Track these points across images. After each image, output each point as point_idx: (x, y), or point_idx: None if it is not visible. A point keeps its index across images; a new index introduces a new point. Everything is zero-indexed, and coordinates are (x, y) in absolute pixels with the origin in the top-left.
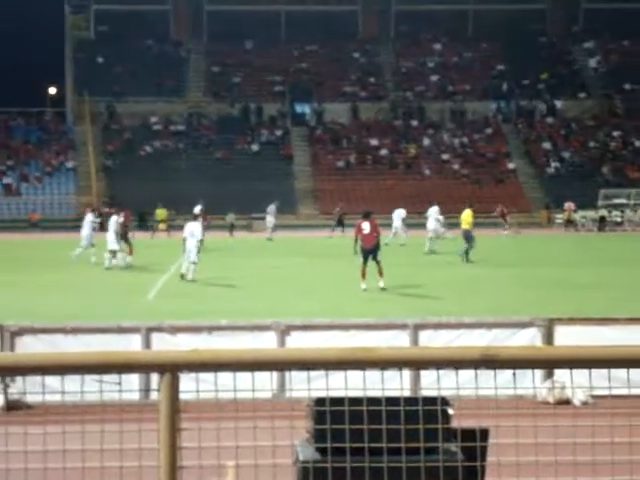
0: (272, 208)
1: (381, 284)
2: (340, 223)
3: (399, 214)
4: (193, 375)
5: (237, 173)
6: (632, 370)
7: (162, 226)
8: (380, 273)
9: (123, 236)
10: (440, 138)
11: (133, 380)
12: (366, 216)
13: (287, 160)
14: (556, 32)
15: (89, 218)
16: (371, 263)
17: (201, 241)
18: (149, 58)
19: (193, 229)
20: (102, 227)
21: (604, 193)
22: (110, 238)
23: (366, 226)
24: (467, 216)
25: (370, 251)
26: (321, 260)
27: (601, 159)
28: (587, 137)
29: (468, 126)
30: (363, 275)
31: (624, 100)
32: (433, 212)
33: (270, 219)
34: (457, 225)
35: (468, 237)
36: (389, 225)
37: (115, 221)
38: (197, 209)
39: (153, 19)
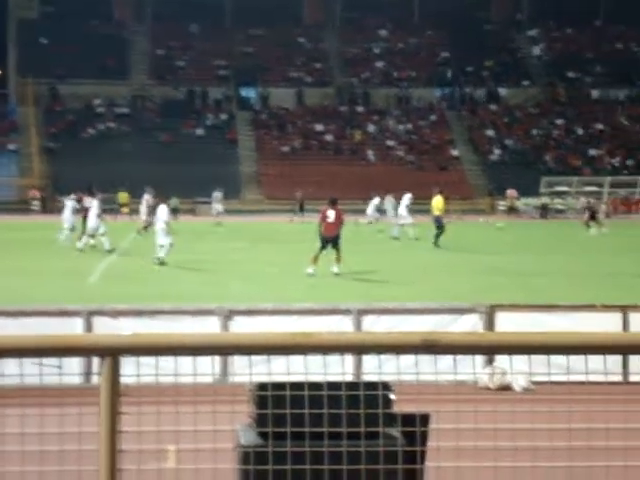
0: (217, 195)
1: (335, 269)
2: (301, 208)
3: (403, 200)
4: (134, 359)
5: (181, 157)
6: (571, 357)
7: (125, 209)
8: (338, 259)
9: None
10: (385, 124)
11: (74, 364)
12: (332, 203)
13: (232, 144)
14: (501, 20)
15: (70, 202)
16: (330, 251)
17: (167, 223)
18: (93, 40)
19: (161, 213)
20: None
21: (547, 181)
22: (92, 222)
23: (331, 214)
24: (438, 202)
25: (330, 239)
26: (268, 245)
27: (544, 147)
28: (530, 125)
29: (413, 113)
30: (315, 260)
31: (567, 88)
32: (406, 199)
33: (216, 206)
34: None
35: (439, 223)
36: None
37: (97, 205)
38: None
39: (97, 0)
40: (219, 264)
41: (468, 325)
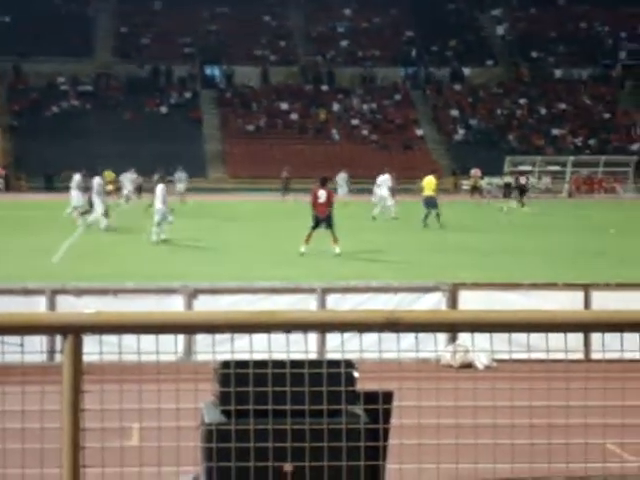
0: (181, 175)
1: (337, 250)
2: (286, 188)
3: (384, 180)
4: (97, 337)
5: (146, 135)
6: (532, 335)
7: (111, 187)
8: (335, 240)
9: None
10: (350, 103)
11: (37, 342)
12: (322, 183)
13: (196, 123)
14: None
15: (77, 179)
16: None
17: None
18: (56, 17)
19: (160, 193)
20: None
21: (510, 160)
22: (96, 200)
23: (322, 194)
24: (430, 183)
25: (323, 219)
26: (232, 224)
27: (507, 126)
28: (494, 104)
29: (377, 92)
30: (307, 239)
31: (531, 68)
32: (385, 180)
33: (180, 185)
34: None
35: (431, 203)
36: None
37: (98, 182)
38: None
39: None
40: (183, 243)
41: (431, 303)
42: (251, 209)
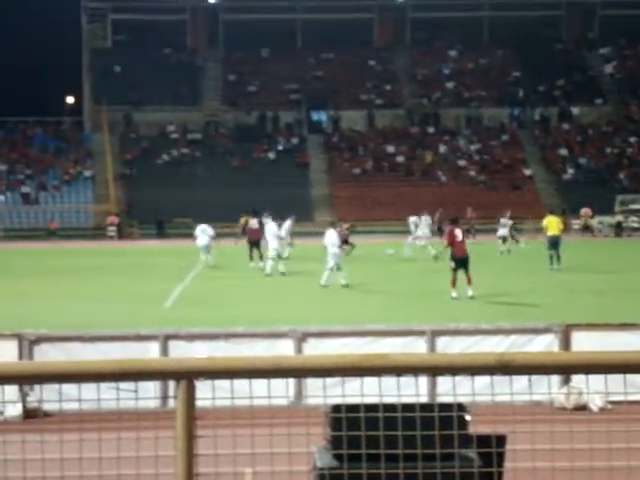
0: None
1: (470, 293)
2: (440, 229)
3: (425, 220)
4: (209, 382)
5: (254, 181)
6: None
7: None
8: (469, 281)
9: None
10: (456, 145)
11: (150, 388)
12: (454, 222)
13: (303, 168)
14: (572, 38)
15: (206, 229)
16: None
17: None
18: (166, 67)
19: (332, 237)
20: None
21: (621, 199)
22: (272, 244)
23: (459, 233)
24: (556, 222)
25: (463, 260)
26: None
27: (618, 165)
28: (603, 143)
29: (484, 132)
30: (453, 283)
31: None
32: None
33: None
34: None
35: (556, 243)
36: (406, 232)
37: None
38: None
39: (170, 28)
40: (288, 287)
41: (543, 345)
42: (363, 252)
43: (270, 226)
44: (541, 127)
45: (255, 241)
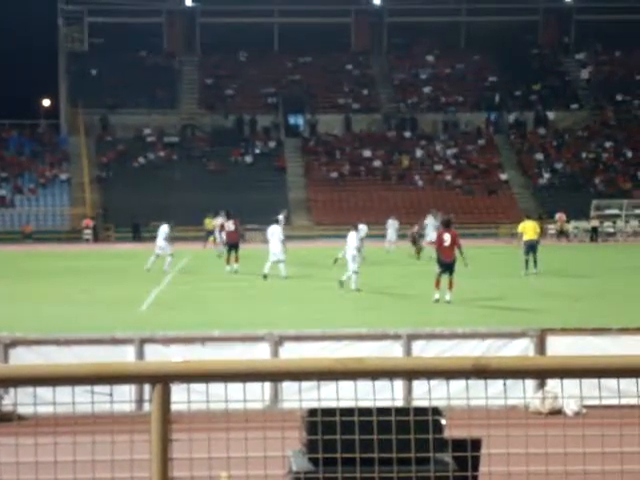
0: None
1: (447, 297)
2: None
3: (393, 225)
4: (185, 386)
5: (231, 185)
6: (623, 380)
7: (211, 237)
8: (450, 286)
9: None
10: (433, 149)
11: (125, 391)
12: (446, 225)
13: (281, 171)
14: (548, 43)
15: (164, 229)
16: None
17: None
18: (142, 70)
19: (351, 239)
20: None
21: (596, 204)
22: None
23: (447, 237)
24: (532, 226)
25: (448, 264)
26: (320, 271)
27: (593, 170)
28: (579, 148)
29: (461, 137)
30: (437, 285)
31: (616, 111)
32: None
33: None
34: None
35: (533, 248)
36: (382, 236)
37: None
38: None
39: (146, 31)
40: (266, 291)
41: (519, 349)
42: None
43: (274, 229)
44: (517, 132)
45: (234, 243)
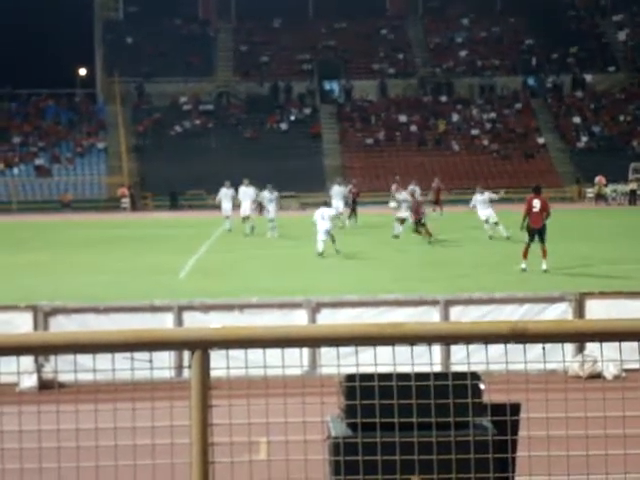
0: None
1: (544, 266)
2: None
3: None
4: (223, 352)
5: (266, 152)
6: None
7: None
8: (544, 254)
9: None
10: (469, 114)
11: (165, 358)
12: (536, 191)
13: (316, 138)
14: (584, 5)
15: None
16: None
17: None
18: (178, 38)
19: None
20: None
21: (635, 166)
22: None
23: (536, 204)
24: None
25: (537, 230)
26: (352, 238)
27: (631, 132)
28: (617, 111)
29: (497, 101)
30: (525, 254)
31: None
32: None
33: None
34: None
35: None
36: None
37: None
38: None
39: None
40: (301, 258)
41: (557, 314)
42: (377, 222)
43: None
44: (554, 95)
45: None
